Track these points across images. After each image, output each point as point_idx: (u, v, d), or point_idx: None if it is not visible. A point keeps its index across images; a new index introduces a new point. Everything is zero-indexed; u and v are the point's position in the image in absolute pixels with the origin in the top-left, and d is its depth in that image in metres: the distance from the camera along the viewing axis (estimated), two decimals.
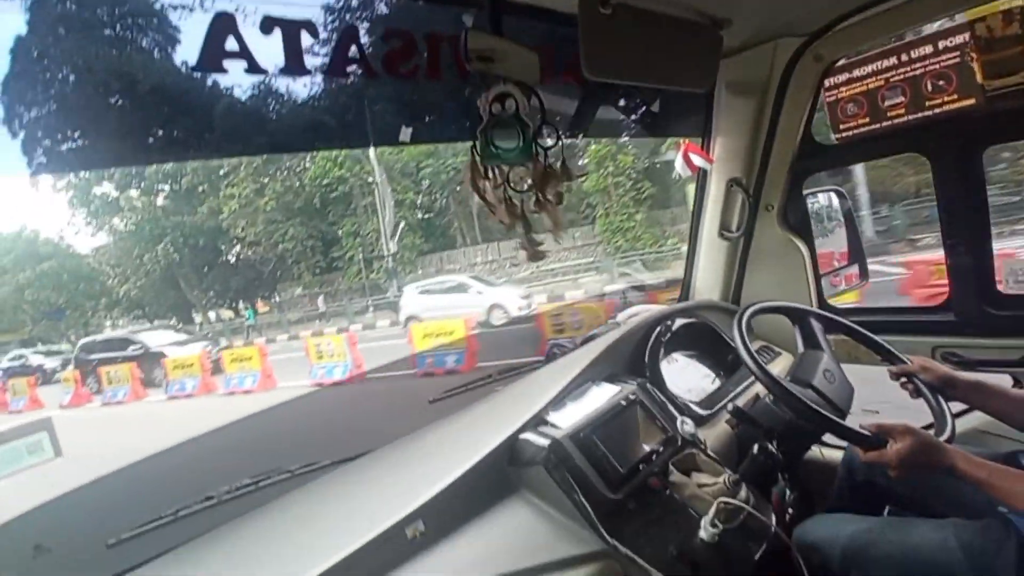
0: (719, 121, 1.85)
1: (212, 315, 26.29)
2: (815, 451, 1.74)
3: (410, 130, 1.45)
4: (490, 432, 1.22)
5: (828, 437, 1.72)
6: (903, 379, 1.28)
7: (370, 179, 20.70)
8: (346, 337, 10.39)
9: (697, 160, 1.87)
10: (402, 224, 20.78)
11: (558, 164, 1.10)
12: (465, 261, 21.56)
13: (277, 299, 25.34)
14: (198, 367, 11.12)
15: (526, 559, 1.01)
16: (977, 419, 1.46)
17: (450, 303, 13.75)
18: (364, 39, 1.03)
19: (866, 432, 1.06)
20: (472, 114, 1.06)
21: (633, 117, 1.99)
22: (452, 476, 1.10)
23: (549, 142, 1.11)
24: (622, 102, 1.90)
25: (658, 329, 1.61)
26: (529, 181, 1.12)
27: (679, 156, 1.90)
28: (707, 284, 2.03)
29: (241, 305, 25.92)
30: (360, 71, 1.02)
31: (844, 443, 1.39)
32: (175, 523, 1.13)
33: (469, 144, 1.07)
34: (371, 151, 18.77)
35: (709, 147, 1.89)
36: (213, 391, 10.79)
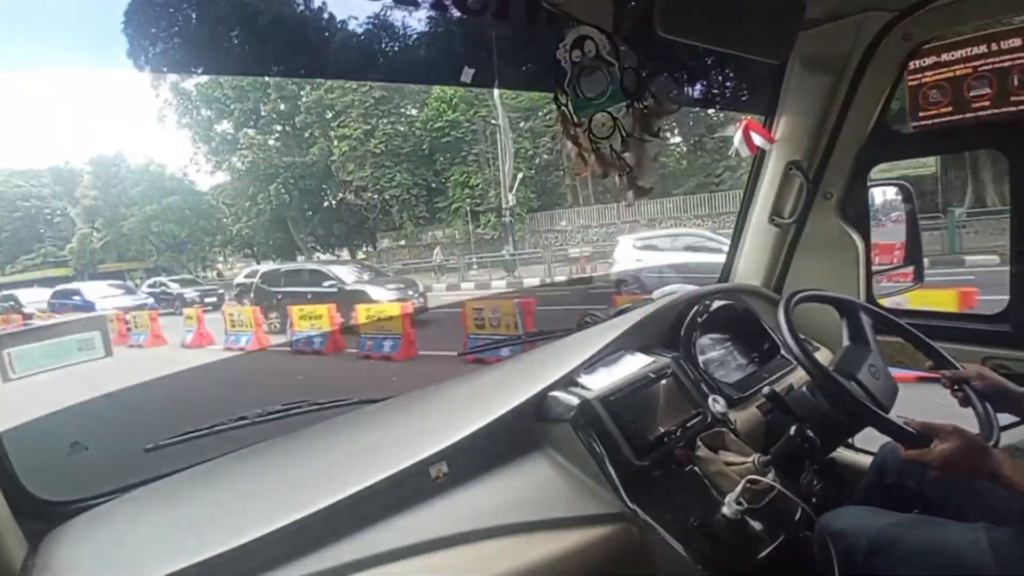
0: (787, 99, 1.75)
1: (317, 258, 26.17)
2: (843, 453, 1.71)
3: (472, 72, 1.40)
4: (520, 387, 1.21)
5: (858, 440, 1.68)
6: (955, 386, 1.22)
7: (486, 123, 19.60)
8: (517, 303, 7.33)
9: (758, 139, 1.79)
10: (520, 175, 19.35)
11: (652, 102, 1.05)
12: (579, 222, 20.31)
13: (376, 248, 25.25)
14: (399, 323, 7.80)
15: (545, 512, 1.02)
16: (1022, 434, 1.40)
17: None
18: None
19: (911, 429, 1.02)
20: (549, 64, 1.02)
21: (699, 86, 1.90)
22: (480, 423, 1.10)
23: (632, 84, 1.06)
24: (689, 67, 1.81)
25: (696, 307, 1.57)
26: (610, 125, 1.07)
27: (738, 132, 1.82)
28: (749, 269, 1.97)
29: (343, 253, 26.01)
30: (430, 0, 0.99)
31: (873, 449, 1.35)
32: (209, 436, 1.16)
33: None
34: (495, 92, 17.20)
35: (772, 126, 1.80)
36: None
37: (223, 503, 1.02)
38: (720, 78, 1.83)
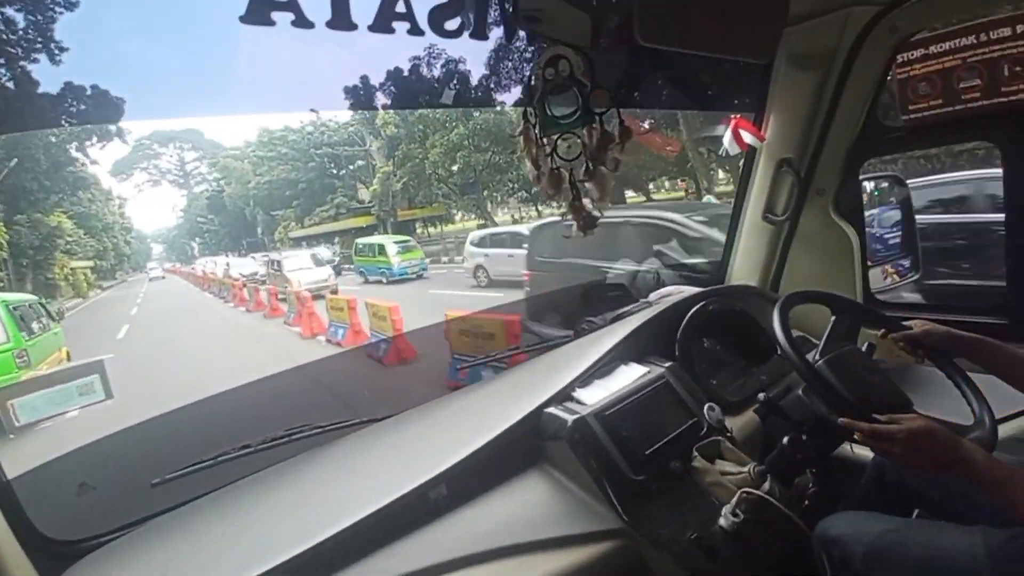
0: (775, 96, 1.74)
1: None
2: (845, 447, 1.70)
3: (452, 93, 1.40)
4: (516, 404, 1.22)
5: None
6: (910, 347, 1.23)
7: None
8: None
9: (747, 137, 1.78)
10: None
11: (615, 127, 1.05)
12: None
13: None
14: None
15: (544, 531, 1.03)
16: (1018, 428, 1.40)
17: None
18: None
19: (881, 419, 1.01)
20: (521, 82, 1.02)
21: (684, 88, 1.88)
22: (476, 444, 1.11)
23: (602, 107, 1.06)
24: (675, 72, 1.80)
25: (691, 312, 1.57)
26: (578, 149, 1.08)
27: (728, 131, 1.81)
28: (745, 269, 1.96)
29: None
30: (408, 27, 0.98)
31: None
32: (214, 467, 1.18)
33: None
34: None
35: (762, 124, 1.78)
36: None
37: (229, 536, 1.04)
38: (706, 79, 1.81)
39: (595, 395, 1.24)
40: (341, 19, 0.94)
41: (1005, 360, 1.12)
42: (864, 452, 1.59)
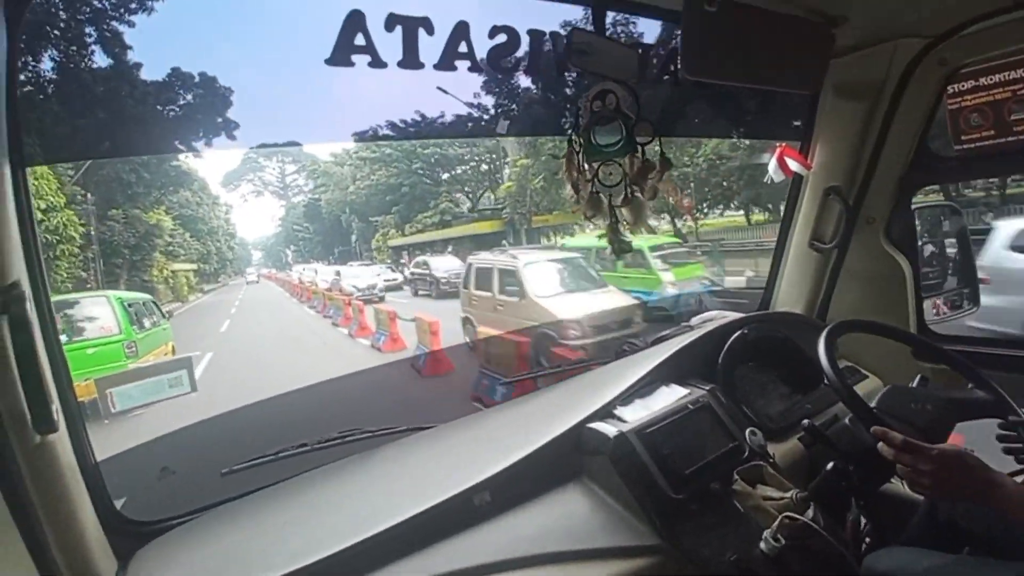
0: (822, 125, 1.75)
1: None
2: (896, 484, 1.64)
3: (507, 123, 1.50)
4: (558, 417, 1.26)
5: None
6: (1007, 434, 1.16)
7: None
8: None
9: (794, 165, 1.79)
10: None
11: (656, 158, 1.12)
12: None
13: None
14: None
15: (582, 542, 1.05)
16: None
17: None
18: (473, 35, 1.09)
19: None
20: (571, 110, 1.10)
21: (728, 117, 1.93)
22: (520, 454, 1.16)
23: (646, 138, 1.12)
24: (721, 101, 1.85)
25: (734, 336, 1.57)
26: (618, 177, 1.15)
27: (773, 159, 1.82)
28: (791, 296, 1.94)
29: None
30: (468, 65, 1.09)
31: None
32: (275, 462, 1.28)
33: None
34: None
35: (808, 152, 1.79)
36: None
37: (288, 525, 1.12)
38: (750, 108, 1.85)
39: (636, 413, 1.26)
40: (411, 59, 1.05)
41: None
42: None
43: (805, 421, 1.22)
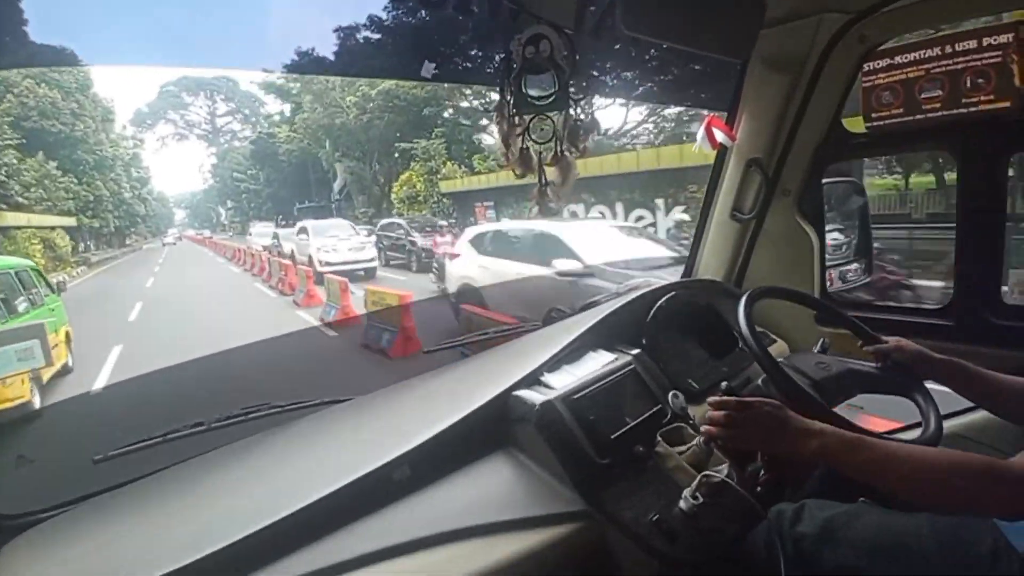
0: (748, 97, 1.78)
1: None
2: None
3: (433, 66, 1.38)
4: (483, 386, 1.21)
5: None
6: (879, 361, 1.27)
7: None
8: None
9: (720, 136, 1.81)
10: None
11: (588, 117, 1.06)
12: None
13: None
14: None
15: (507, 513, 1.02)
16: (962, 425, 1.48)
17: None
18: None
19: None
20: (501, 57, 1.00)
21: (664, 82, 1.91)
22: (442, 425, 1.10)
23: (579, 94, 1.06)
24: (654, 64, 1.82)
25: (659, 303, 1.60)
26: (549, 133, 1.08)
27: (701, 129, 1.84)
28: (711, 264, 2.01)
29: None
30: None
31: None
32: (163, 445, 1.13)
33: None
34: None
35: (734, 124, 1.83)
36: None
37: (176, 515, 0.99)
38: (684, 74, 1.84)
39: (563, 380, 1.24)
40: None
41: (982, 386, 1.12)
42: None
43: (723, 383, 1.27)
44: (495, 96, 1.09)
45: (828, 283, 1.89)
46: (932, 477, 0.83)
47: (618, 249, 6.29)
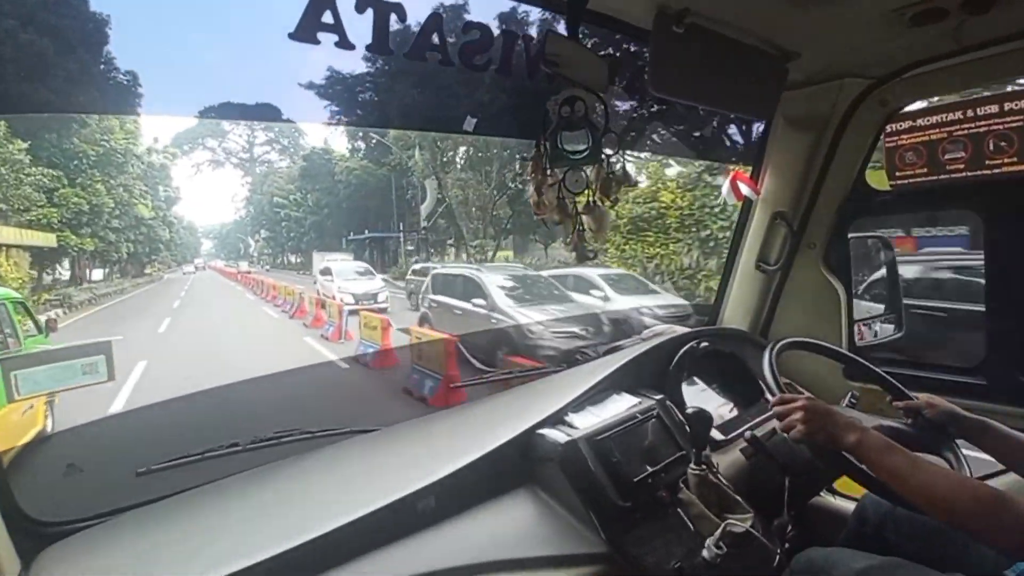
0: (772, 153, 1.85)
1: None
2: (826, 497, 1.72)
3: (475, 120, 1.50)
4: (508, 423, 1.24)
5: (842, 486, 1.70)
6: (909, 418, 1.26)
7: None
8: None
9: (744, 189, 1.87)
10: None
11: (619, 169, 1.13)
12: None
13: None
14: None
15: (529, 550, 1.03)
16: (1002, 483, 1.43)
17: None
18: (446, 28, 1.08)
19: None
20: (538, 114, 1.10)
21: (689, 137, 2.00)
22: (467, 459, 1.13)
23: (611, 149, 1.14)
24: (682, 123, 1.92)
25: (683, 350, 1.61)
26: (583, 184, 1.16)
27: (727, 183, 1.91)
28: (736, 314, 2.02)
29: None
30: (440, 58, 1.06)
31: (857, 496, 1.37)
32: (200, 462, 1.18)
33: None
34: None
35: (759, 178, 1.88)
36: None
37: (210, 531, 1.03)
38: (709, 132, 1.93)
39: (587, 420, 1.26)
40: (380, 44, 1.02)
41: (1010, 446, 1.12)
42: (846, 504, 1.62)
43: (747, 433, 1.27)
44: None
45: (857, 337, 1.87)
46: (947, 493, 0.89)
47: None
